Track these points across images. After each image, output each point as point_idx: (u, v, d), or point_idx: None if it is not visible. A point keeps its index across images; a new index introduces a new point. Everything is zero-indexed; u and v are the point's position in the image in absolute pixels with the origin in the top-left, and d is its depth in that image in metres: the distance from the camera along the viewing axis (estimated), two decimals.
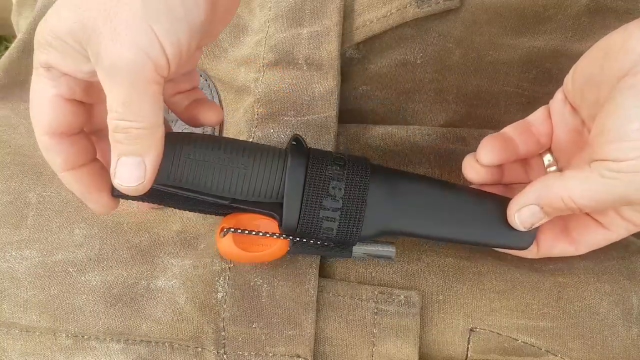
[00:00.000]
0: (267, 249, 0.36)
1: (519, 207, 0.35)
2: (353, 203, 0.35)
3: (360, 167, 0.35)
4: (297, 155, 0.35)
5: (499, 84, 0.46)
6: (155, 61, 0.29)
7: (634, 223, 0.35)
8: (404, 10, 0.44)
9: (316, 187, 0.34)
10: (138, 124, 0.30)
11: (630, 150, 0.30)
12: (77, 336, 0.39)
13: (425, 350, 0.39)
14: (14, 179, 0.44)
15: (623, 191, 0.31)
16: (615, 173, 0.30)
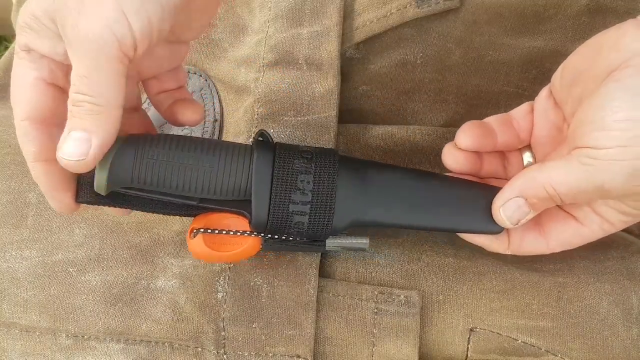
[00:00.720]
0: (239, 247, 0.36)
1: (503, 202, 0.34)
2: (322, 195, 0.34)
3: (328, 159, 0.35)
4: (263, 150, 0.34)
5: (499, 84, 0.46)
6: (120, 39, 0.28)
7: (608, 221, 0.35)
8: (404, 10, 0.44)
9: (284, 181, 0.34)
10: (92, 99, 0.29)
11: (610, 139, 0.30)
12: (77, 336, 0.39)
13: (425, 350, 0.39)
14: (13, 178, 0.44)
15: (601, 179, 0.31)
16: (593, 160, 0.31)
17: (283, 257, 0.39)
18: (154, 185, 0.34)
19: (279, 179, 0.34)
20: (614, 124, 0.30)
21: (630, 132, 0.30)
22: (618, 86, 0.30)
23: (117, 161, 0.33)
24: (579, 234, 0.36)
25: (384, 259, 0.40)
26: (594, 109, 0.31)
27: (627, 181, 0.30)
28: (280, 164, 0.34)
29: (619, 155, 0.30)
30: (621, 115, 0.30)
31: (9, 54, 0.51)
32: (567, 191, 0.32)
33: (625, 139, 0.30)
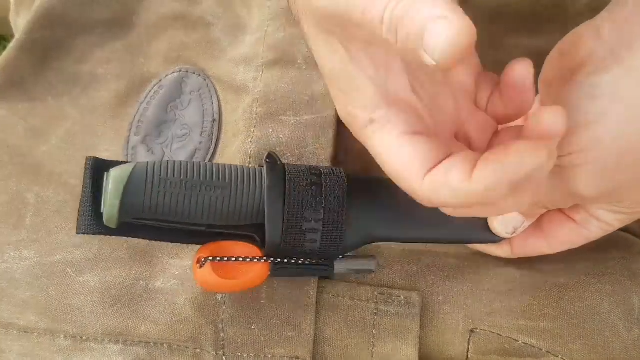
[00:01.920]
0: (248, 275, 0.35)
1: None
2: (334, 212, 0.35)
3: (338, 177, 0.35)
4: (273, 169, 0.34)
5: None
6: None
7: (605, 221, 0.35)
8: None
9: (296, 200, 0.34)
10: None
11: (572, 144, 0.30)
12: (75, 337, 0.39)
13: (425, 351, 0.39)
14: (11, 179, 0.44)
15: (566, 186, 0.31)
16: (557, 167, 0.31)
17: None
18: (165, 215, 0.33)
19: (292, 198, 0.34)
20: (572, 129, 0.30)
21: (585, 135, 0.29)
22: (573, 89, 0.30)
23: (128, 191, 0.32)
24: (580, 235, 0.36)
25: (384, 259, 0.40)
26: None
27: (592, 184, 0.30)
28: (292, 184, 0.34)
29: (577, 160, 0.30)
30: (579, 117, 0.30)
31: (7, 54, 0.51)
32: (544, 198, 0.33)
33: (582, 143, 0.30)
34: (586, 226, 0.36)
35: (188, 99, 0.46)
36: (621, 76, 0.29)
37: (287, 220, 0.34)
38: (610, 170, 0.30)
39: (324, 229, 0.35)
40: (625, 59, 0.29)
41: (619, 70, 0.29)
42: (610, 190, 0.31)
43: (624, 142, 0.29)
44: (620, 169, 0.30)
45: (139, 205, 0.32)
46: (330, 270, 0.37)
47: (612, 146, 0.29)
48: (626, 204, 0.33)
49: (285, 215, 0.34)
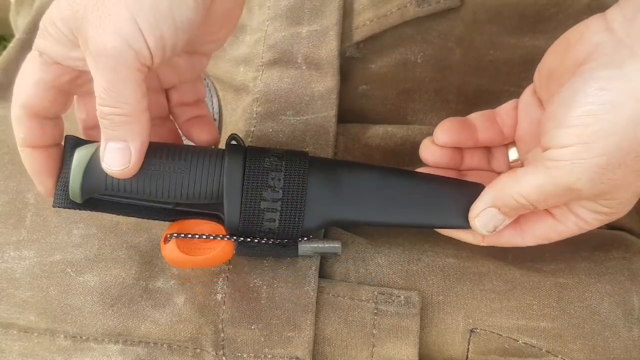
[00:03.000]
0: (211, 252, 0.36)
1: (477, 212, 0.35)
2: (293, 192, 0.35)
3: (298, 158, 0.36)
4: (233, 151, 0.35)
5: (500, 84, 0.46)
6: (137, 50, 0.30)
7: (583, 219, 0.34)
8: (404, 10, 0.44)
9: (255, 180, 0.35)
10: (120, 110, 0.31)
11: (571, 136, 0.29)
12: (75, 337, 0.39)
13: (425, 351, 0.39)
14: (12, 179, 0.44)
15: (566, 181, 0.30)
16: (556, 162, 0.30)
17: (283, 259, 0.39)
18: (127, 192, 0.35)
19: (250, 177, 0.35)
20: (575, 120, 0.29)
21: (591, 128, 0.29)
22: (579, 81, 0.30)
23: (90, 169, 0.34)
24: (555, 230, 0.36)
25: (384, 259, 0.40)
26: (557, 106, 0.31)
27: (593, 180, 0.30)
28: (252, 163, 0.35)
29: (581, 154, 0.29)
30: (582, 110, 0.29)
31: (7, 54, 0.51)
32: (537, 197, 0.32)
33: (587, 135, 0.29)
34: (563, 222, 0.35)
35: None
36: (635, 71, 0.28)
37: (245, 200, 0.35)
38: (613, 165, 0.29)
39: (282, 209, 0.35)
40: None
41: (633, 65, 0.29)
42: (608, 187, 0.31)
43: (632, 136, 0.29)
44: (623, 166, 0.29)
45: (100, 183, 0.34)
46: (294, 251, 0.38)
47: (620, 140, 0.29)
48: (614, 203, 0.33)
49: (243, 195, 0.35)
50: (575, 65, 0.31)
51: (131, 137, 0.32)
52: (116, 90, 0.31)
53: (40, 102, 0.33)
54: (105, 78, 0.30)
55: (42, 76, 0.33)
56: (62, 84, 0.34)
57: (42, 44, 0.33)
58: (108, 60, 0.30)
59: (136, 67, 0.30)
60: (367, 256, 0.40)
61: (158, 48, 0.30)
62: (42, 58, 0.33)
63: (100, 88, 0.31)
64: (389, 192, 0.37)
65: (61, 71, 0.33)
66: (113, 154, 0.32)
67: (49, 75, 0.33)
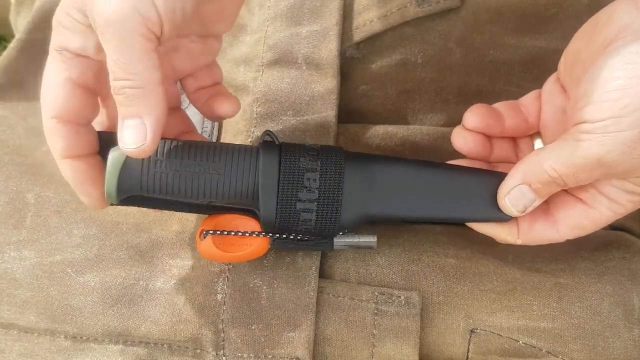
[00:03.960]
0: (248, 248, 0.36)
1: (508, 190, 0.34)
2: (329, 192, 0.35)
3: (334, 156, 0.35)
4: (268, 150, 0.35)
5: (500, 84, 0.46)
6: (144, 15, 0.29)
7: (615, 201, 0.34)
8: (405, 10, 0.44)
9: (291, 181, 0.35)
10: (131, 82, 0.30)
11: (604, 110, 0.30)
12: (75, 337, 0.39)
13: (425, 351, 0.39)
14: (12, 179, 0.44)
15: (597, 153, 0.30)
16: (588, 135, 0.30)
17: (283, 259, 0.39)
18: (162, 193, 0.34)
19: (286, 178, 0.35)
20: (605, 95, 0.30)
21: (622, 102, 0.29)
22: (609, 58, 0.30)
23: (125, 171, 0.34)
24: (588, 217, 0.35)
25: (384, 260, 0.40)
26: (587, 83, 0.31)
27: (624, 153, 0.30)
28: (287, 163, 0.35)
29: (613, 127, 0.29)
30: (612, 85, 0.29)
31: (7, 54, 0.51)
32: (567, 170, 0.32)
33: (618, 109, 0.29)
34: (595, 206, 0.34)
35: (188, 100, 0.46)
36: None
37: (281, 201, 0.35)
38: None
39: (318, 209, 0.35)
40: None
41: None
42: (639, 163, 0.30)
43: None
44: None
45: (135, 184, 0.34)
46: (330, 245, 0.37)
47: None
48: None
49: (279, 196, 0.35)
50: (603, 46, 0.31)
51: (146, 112, 0.31)
52: (125, 59, 0.30)
53: (71, 105, 0.33)
54: (113, 47, 0.29)
55: (67, 75, 0.33)
56: (88, 81, 0.33)
57: (59, 39, 0.32)
58: (114, 28, 0.29)
59: (144, 34, 0.29)
60: (367, 256, 0.40)
61: (168, 11, 0.29)
62: (62, 55, 0.32)
63: (110, 61, 0.30)
64: (425, 186, 0.36)
65: (85, 65, 0.33)
66: (129, 132, 0.31)
67: (73, 73, 0.33)
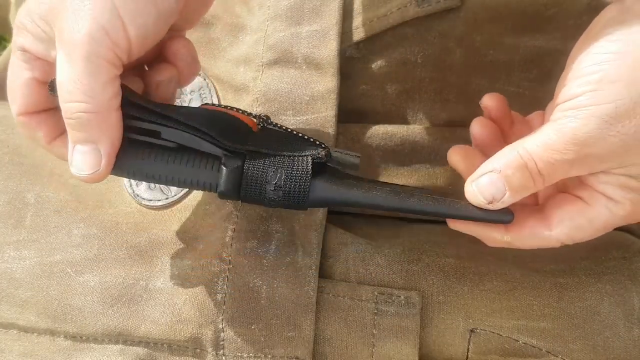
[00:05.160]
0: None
1: (477, 176, 0.32)
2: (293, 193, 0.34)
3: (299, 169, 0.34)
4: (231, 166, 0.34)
5: (500, 84, 0.46)
6: (114, 40, 0.29)
7: (612, 198, 0.32)
8: (404, 9, 0.44)
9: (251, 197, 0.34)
10: (88, 106, 0.29)
11: (580, 85, 0.29)
12: (75, 337, 0.39)
13: (425, 351, 0.39)
14: (12, 179, 0.44)
15: (572, 127, 0.29)
16: (564, 112, 0.30)
17: (283, 259, 0.39)
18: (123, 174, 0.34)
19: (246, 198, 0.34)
20: (582, 71, 0.30)
21: (597, 75, 0.29)
22: (588, 40, 0.30)
23: None
24: (585, 214, 0.32)
25: (384, 259, 0.40)
26: (568, 65, 0.31)
27: (600, 128, 0.29)
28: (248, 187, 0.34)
29: (588, 101, 0.29)
30: (589, 61, 0.30)
31: (7, 53, 0.51)
32: (541, 152, 0.30)
33: (594, 82, 0.29)
34: (592, 203, 0.32)
35: (188, 99, 0.46)
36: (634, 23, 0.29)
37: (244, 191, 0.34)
38: (621, 115, 0.29)
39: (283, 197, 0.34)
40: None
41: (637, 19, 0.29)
42: (620, 144, 0.29)
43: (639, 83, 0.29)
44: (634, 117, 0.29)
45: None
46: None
47: (625, 86, 0.29)
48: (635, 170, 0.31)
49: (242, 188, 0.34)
50: (586, 42, 0.31)
51: (100, 138, 0.30)
52: (86, 81, 0.29)
53: (37, 101, 0.33)
54: (77, 68, 0.29)
55: (31, 74, 0.32)
56: (51, 77, 0.33)
57: (22, 41, 0.32)
58: (81, 48, 0.28)
59: (110, 60, 0.29)
60: (367, 256, 0.40)
61: (139, 37, 0.29)
62: (25, 56, 0.32)
63: (69, 81, 0.29)
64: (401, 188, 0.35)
65: (48, 66, 0.33)
66: (82, 158, 0.31)
67: (37, 72, 0.33)
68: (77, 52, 0.29)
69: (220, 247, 0.39)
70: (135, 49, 0.30)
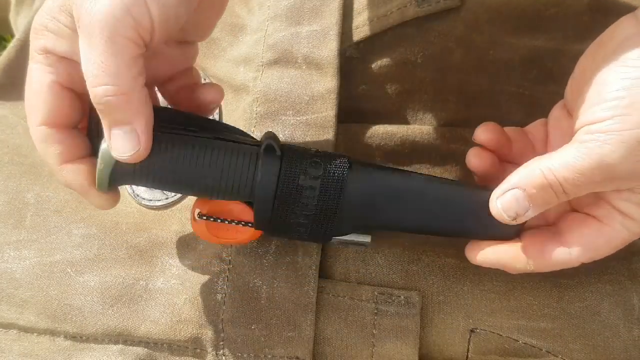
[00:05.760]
0: (241, 235, 0.36)
1: (501, 193, 0.33)
2: (326, 207, 0.34)
3: (336, 172, 0.34)
4: (268, 161, 0.34)
5: (500, 84, 0.45)
6: (137, 19, 0.28)
7: (628, 216, 0.33)
8: (404, 9, 0.44)
9: (288, 194, 0.34)
10: (116, 88, 0.29)
11: (607, 109, 0.30)
12: (75, 337, 0.39)
13: (425, 351, 0.39)
14: (12, 179, 0.44)
15: (599, 153, 0.30)
16: (591, 135, 0.30)
17: (283, 259, 0.39)
18: (155, 186, 0.34)
19: (284, 189, 0.34)
20: (610, 94, 0.30)
21: (627, 100, 0.29)
22: (613, 63, 0.30)
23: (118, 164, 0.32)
24: (602, 235, 0.33)
25: (384, 259, 0.40)
26: (591, 87, 0.31)
27: (628, 155, 0.29)
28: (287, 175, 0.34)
29: (617, 126, 0.29)
30: (617, 85, 0.29)
31: (7, 53, 0.51)
32: (567, 174, 0.31)
33: (622, 107, 0.29)
34: (609, 222, 0.33)
35: None
36: None
37: (275, 214, 0.34)
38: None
39: (313, 222, 0.35)
40: None
41: None
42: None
43: None
44: None
45: (128, 177, 0.33)
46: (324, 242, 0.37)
47: None
48: None
49: (274, 210, 0.34)
50: (605, 59, 0.31)
51: (134, 117, 0.30)
52: (110, 62, 0.28)
53: (61, 108, 0.32)
54: (99, 50, 0.28)
55: (54, 78, 0.32)
56: (75, 84, 0.33)
57: (43, 42, 0.31)
58: (104, 30, 0.27)
59: (134, 39, 0.28)
60: (367, 256, 0.40)
61: (162, 19, 0.28)
62: (47, 58, 0.31)
63: (93, 65, 0.28)
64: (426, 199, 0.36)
65: (72, 68, 0.32)
66: (120, 141, 0.30)
67: (60, 76, 0.32)
68: (99, 33, 0.28)
69: (220, 247, 0.39)
70: (158, 31, 0.29)
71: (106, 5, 0.28)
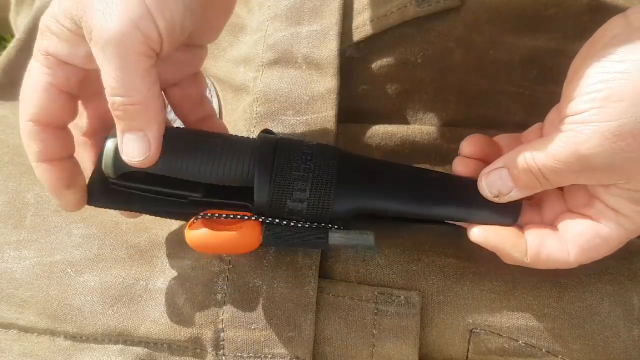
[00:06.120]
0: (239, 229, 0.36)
1: (489, 170, 0.35)
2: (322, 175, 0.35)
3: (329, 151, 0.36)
4: (265, 137, 0.36)
5: (500, 84, 0.46)
6: (145, 33, 0.29)
7: (621, 213, 0.33)
8: (404, 9, 0.44)
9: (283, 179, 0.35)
10: (132, 99, 0.30)
11: (585, 102, 0.30)
12: (75, 337, 0.39)
13: (425, 351, 0.39)
14: (12, 179, 0.44)
15: (575, 142, 0.31)
16: (569, 125, 0.31)
17: (282, 259, 0.39)
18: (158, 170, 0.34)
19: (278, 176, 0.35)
20: (588, 88, 0.30)
21: (603, 93, 0.30)
22: (594, 57, 0.31)
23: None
24: (599, 235, 0.34)
25: (384, 259, 0.40)
26: (574, 81, 0.31)
27: (603, 145, 0.30)
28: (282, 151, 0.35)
29: (594, 117, 0.30)
30: (595, 78, 0.30)
31: (7, 54, 0.51)
32: (546, 160, 0.32)
33: (599, 100, 0.30)
34: (603, 221, 0.34)
35: None
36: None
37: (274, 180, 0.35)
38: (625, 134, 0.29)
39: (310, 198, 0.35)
40: None
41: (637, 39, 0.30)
42: (622, 161, 0.30)
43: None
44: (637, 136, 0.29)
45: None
46: (324, 241, 0.36)
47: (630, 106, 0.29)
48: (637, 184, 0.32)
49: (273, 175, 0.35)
50: (592, 56, 0.31)
51: (147, 125, 0.32)
52: (127, 78, 0.30)
53: (50, 110, 0.33)
54: (114, 66, 0.29)
55: (50, 80, 0.32)
56: (71, 87, 0.33)
57: (46, 44, 0.32)
58: (116, 47, 0.29)
59: (145, 52, 0.30)
60: (367, 256, 0.40)
61: (169, 30, 0.30)
62: (48, 60, 0.32)
63: (110, 77, 0.30)
64: (424, 183, 0.37)
65: (70, 72, 0.33)
66: (132, 145, 0.32)
67: (57, 79, 0.32)
68: (110, 50, 0.29)
69: None
70: (166, 40, 0.30)
71: (116, 23, 0.29)
